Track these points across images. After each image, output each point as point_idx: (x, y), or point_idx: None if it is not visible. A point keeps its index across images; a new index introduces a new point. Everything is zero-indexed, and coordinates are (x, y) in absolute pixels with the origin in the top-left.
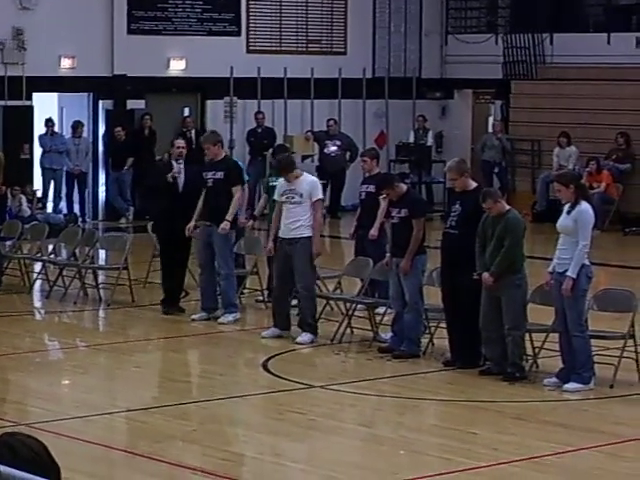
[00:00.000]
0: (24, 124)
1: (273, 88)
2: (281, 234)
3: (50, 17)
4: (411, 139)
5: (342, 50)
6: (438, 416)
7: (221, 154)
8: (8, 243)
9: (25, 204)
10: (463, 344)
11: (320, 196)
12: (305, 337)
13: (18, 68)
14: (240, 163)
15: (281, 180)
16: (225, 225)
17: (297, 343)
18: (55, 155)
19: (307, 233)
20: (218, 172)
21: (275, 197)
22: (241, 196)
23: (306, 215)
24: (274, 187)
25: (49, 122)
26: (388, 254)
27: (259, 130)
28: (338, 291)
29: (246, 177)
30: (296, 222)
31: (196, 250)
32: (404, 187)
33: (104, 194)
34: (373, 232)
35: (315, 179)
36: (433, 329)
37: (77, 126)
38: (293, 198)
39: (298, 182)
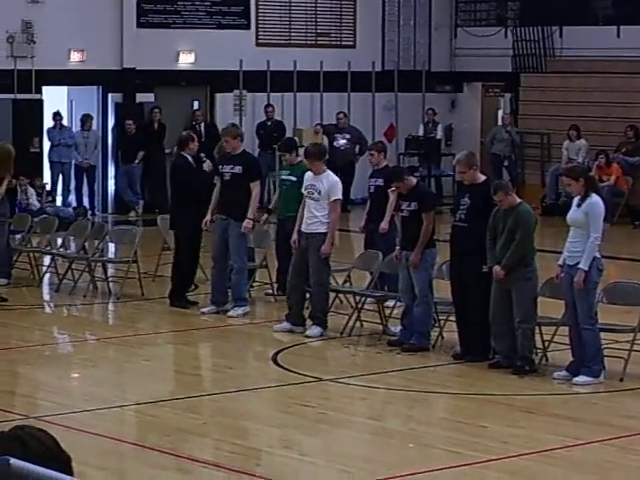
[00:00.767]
0: (34, 117)
1: (282, 81)
2: (302, 227)
3: (59, 10)
4: (420, 132)
5: (351, 43)
6: (447, 409)
7: (239, 148)
8: (18, 236)
9: (34, 197)
10: (473, 337)
11: (338, 196)
12: (314, 330)
13: (27, 61)
14: None
15: (308, 173)
16: (247, 223)
17: (306, 336)
18: (64, 149)
19: (322, 229)
20: (237, 166)
21: (302, 190)
22: (259, 191)
23: (323, 212)
24: (284, 180)
25: (57, 115)
26: (398, 247)
27: (269, 123)
28: (347, 284)
29: None
30: (313, 218)
31: (211, 244)
32: (414, 180)
33: (113, 187)
34: (384, 225)
35: (337, 179)
36: (442, 322)
37: (86, 119)
38: (312, 194)
39: (319, 178)
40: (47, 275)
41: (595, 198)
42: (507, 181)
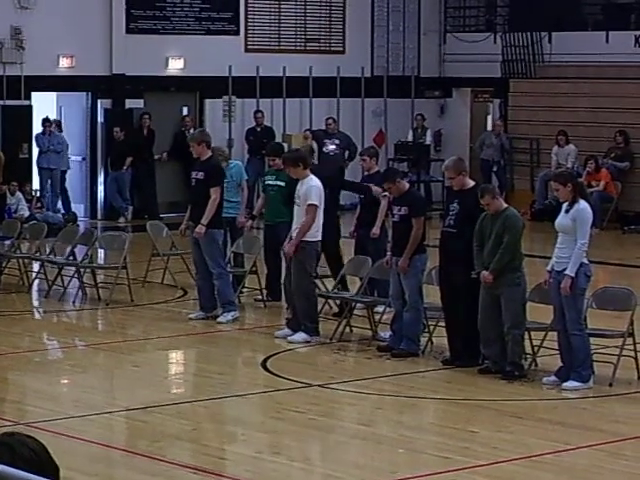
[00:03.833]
0: (23, 124)
1: (272, 87)
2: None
3: (49, 16)
4: (410, 138)
5: (341, 49)
6: (437, 415)
7: (206, 154)
8: (7, 242)
9: (22, 201)
10: (462, 343)
11: (313, 201)
12: (297, 336)
13: (17, 67)
14: (239, 163)
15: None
16: (199, 229)
17: (289, 342)
18: (53, 155)
19: (305, 237)
20: (200, 172)
21: None
22: (217, 198)
23: (303, 218)
24: (271, 186)
25: (46, 121)
26: (389, 253)
27: (258, 129)
28: (337, 289)
29: (245, 176)
30: (296, 224)
31: (191, 250)
32: (406, 185)
33: (102, 193)
34: (375, 231)
35: (314, 185)
36: (432, 328)
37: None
38: (297, 200)
39: (301, 184)
40: (36, 281)
41: (583, 204)
42: (493, 185)
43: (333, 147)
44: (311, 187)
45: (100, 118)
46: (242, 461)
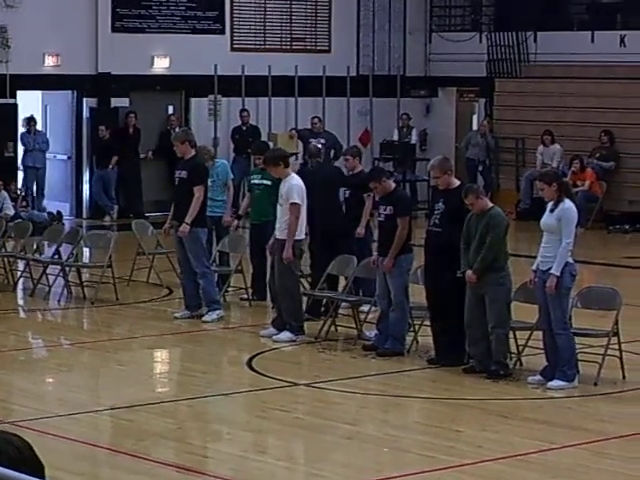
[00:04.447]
0: (8, 122)
1: (257, 86)
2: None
3: (34, 15)
4: (395, 137)
5: (326, 48)
6: (422, 414)
7: (189, 153)
8: None
9: (7, 201)
10: (447, 342)
11: (294, 200)
12: (282, 335)
13: (2, 66)
14: (225, 162)
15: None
16: (184, 228)
17: (274, 341)
18: (38, 154)
19: (284, 235)
20: (183, 171)
21: None
22: (200, 196)
23: (285, 217)
24: (257, 185)
25: (31, 120)
26: (375, 253)
27: (244, 128)
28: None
29: (231, 175)
30: (279, 223)
31: (175, 249)
32: (392, 184)
33: (88, 192)
34: (360, 230)
35: (295, 183)
36: (417, 327)
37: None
38: (280, 198)
39: (283, 183)
40: (21, 280)
41: (568, 204)
42: (478, 184)
43: (319, 146)
44: (292, 186)
45: (86, 116)
46: (227, 460)
